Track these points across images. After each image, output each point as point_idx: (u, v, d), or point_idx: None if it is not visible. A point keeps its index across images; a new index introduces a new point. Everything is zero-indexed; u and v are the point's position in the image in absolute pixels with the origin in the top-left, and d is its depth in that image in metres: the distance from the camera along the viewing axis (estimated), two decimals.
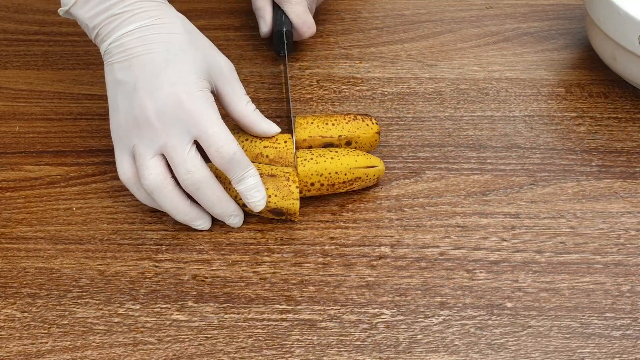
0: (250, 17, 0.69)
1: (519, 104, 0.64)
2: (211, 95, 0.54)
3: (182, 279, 0.53)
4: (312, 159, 0.55)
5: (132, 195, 0.58)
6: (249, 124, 0.55)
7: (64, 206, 0.57)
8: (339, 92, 0.64)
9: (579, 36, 0.68)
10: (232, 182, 0.53)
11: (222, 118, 0.53)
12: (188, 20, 0.55)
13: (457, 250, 0.55)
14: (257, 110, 0.56)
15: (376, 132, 0.58)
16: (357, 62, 0.67)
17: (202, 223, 0.55)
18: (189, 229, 0.56)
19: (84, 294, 0.53)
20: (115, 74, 0.53)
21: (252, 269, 0.54)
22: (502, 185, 0.58)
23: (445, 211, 0.57)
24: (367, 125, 0.57)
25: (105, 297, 0.53)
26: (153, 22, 0.53)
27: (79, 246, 0.55)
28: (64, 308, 0.52)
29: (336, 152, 0.56)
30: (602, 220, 0.56)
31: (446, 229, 0.56)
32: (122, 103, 0.53)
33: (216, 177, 0.54)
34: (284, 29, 0.64)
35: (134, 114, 0.52)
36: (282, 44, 0.64)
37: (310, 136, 0.57)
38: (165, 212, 0.56)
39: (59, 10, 0.55)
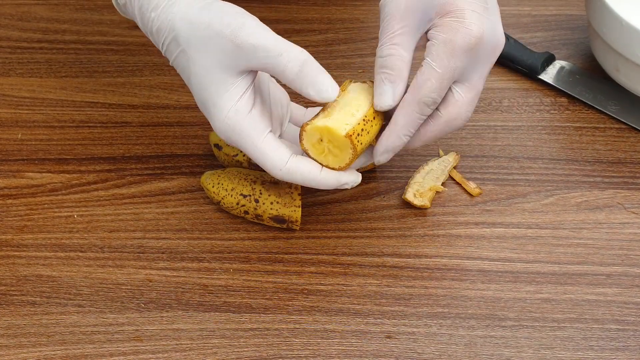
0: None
1: (521, 114, 0.64)
2: (243, 96, 0.49)
3: (183, 288, 0.53)
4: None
5: (133, 203, 0.58)
6: (299, 92, 0.48)
7: (65, 214, 0.57)
8: None
9: (581, 47, 0.68)
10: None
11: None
12: None
13: (460, 261, 0.55)
14: (305, 71, 0.47)
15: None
16: (359, 71, 0.67)
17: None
18: (190, 237, 0.56)
19: (85, 302, 0.53)
20: None
21: (253, 278, 0.54)
22: (505, 195, 0.58)
23: (447, 221, 0.57)
24: None
25: (105, 305, 0.52)
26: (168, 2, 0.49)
27: (80, 254, 0.55)
28: (64, 316, 0.52)
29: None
30: (605, 231, 0.56)
31: (448, 239, 0.56)
32: None
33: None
34: None
35: None
36: None
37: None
38: (166, 221, 0.56)
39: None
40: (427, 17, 0.49)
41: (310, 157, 0.50)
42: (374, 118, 0.50)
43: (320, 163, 0.50)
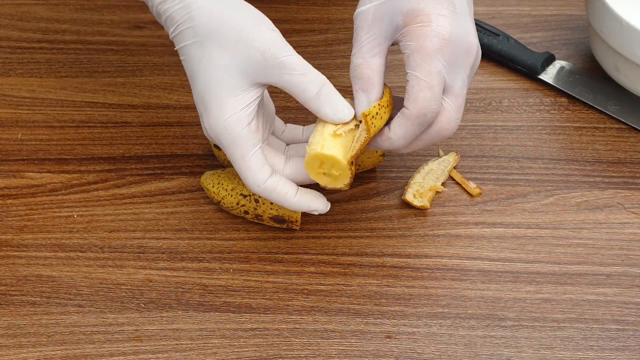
0: None
1: (521, 114, 0.64)
2: (248, 106, 0.49)
3: (183, 288, 0.53)
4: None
5: (133, 203, 0.58)
6: (316, 113, 0.50)
7: (65, 214, 0.57)
8: None
9: (581, 47, 0.68)
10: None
11: None
12: None
13: (460, 261, 0.55)
14: (324, 92, 0.49)
15: (380, 155, 0.58)
16: None
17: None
18: (190, 237, 0.56)
19: (85, 302, 0.53)
20: None
21: (253, 278, 0.54)
22: (505, 195, 0.58)
23: (447, 221, 0.57)
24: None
25: (105, 305, 0.52)
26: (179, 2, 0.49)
27: (80, 254, 0.55)
28: (64, 316, 0.52)
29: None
30: (605, 231, 0.56)
31: (448, 239, 0.56)
32: None
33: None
34: None
35: None
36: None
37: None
38: (166, 221, 0.56)
39: None
40: (394, 24, 0.50)
41: (330, 189, 0.51)
42: (354, 125, 0.51)
43: (340, 189, 0.51)
